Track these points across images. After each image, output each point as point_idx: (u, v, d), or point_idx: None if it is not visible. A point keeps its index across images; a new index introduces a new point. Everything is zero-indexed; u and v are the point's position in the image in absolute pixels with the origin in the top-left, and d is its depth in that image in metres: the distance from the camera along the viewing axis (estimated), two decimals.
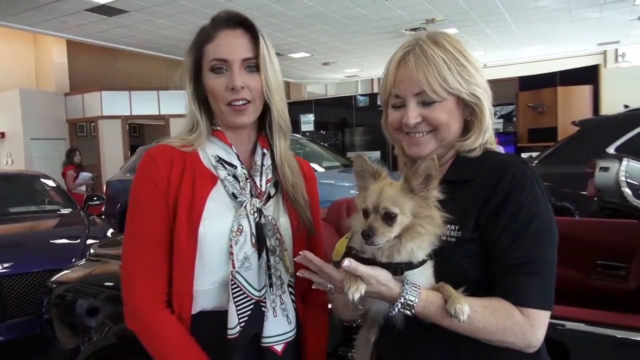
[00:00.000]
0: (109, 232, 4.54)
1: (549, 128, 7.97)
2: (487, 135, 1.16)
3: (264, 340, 1.22)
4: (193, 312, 1.20)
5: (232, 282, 1.18)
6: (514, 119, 10.05)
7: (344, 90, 18.80)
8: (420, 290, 1.01)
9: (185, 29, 10.56)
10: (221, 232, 1.20)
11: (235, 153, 1.27)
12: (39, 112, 12.08)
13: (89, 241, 4.02)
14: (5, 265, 3.69)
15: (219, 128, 1.27)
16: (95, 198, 5.65)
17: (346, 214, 2.71)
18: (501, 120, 10.59)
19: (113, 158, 12.09)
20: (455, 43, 1.13)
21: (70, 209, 5.12)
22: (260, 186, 1.27)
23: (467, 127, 1.16)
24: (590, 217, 3.26)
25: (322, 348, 1.36)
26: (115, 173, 8.80)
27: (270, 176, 1.30)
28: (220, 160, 1.25)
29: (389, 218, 1.00)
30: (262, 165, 1.29)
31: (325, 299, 1.41)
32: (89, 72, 13.28)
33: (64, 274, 2.65)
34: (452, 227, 1.06)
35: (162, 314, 1.17)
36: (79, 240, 4.07)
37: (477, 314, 0.98)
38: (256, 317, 1.20)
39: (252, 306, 1.20)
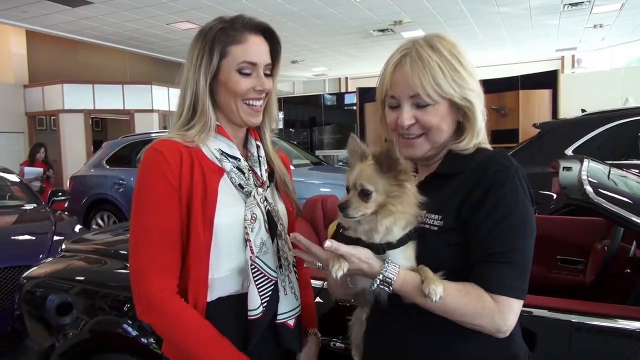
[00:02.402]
0: (77, 227, 4.43)
1: (511, 130, 8.22)
2: (480, 136, 1.21)
3: (280, 317, 1.31)
4: (209, 300, 1.24)
5: (253, 266, 1.25)
6: None
7: (312, 88, 18.87)
8: (400, 270, 1.08)
9: (152, 23, 10.38)
10: (235, 221, 1.25)
11: (236, 147, 1.32)
12: None
13: (56, 237, 3.92)
14: None
15: (218, 123, 1.31)
16: (60, 193, 5.50)
17: (321, 210, 2.77)
18: None
19: (75, 153, 11.70)
20: (451, 47, 1.17)
21: (35, 204, 4.97)
22: (261, 176, 1.34)
23: (461, 128, 1.21)
24: (549, 215, 3.42)
25: (314, 315, 1.50)
26: (77, 169, 8.57)
27: (266, 166, 1.38)
28: (223, 153, 1.30)
29: (364, 194, 1.09)
30: (259, 155, 1.37)
31: (307, 275, 1.54)
32: (49, 64, 12.82)
33: (36, 270, 2.60)
34: (435, 216, 1.13)
35: (180, 305, 1.20)
36: (46, 236, 3.97)
37: (450, 296, 1.05)
38: (274, 296, 1.29)
39: (272, 287, 1.28)
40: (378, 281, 1.07)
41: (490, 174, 1.10)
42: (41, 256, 3.56)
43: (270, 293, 1.28)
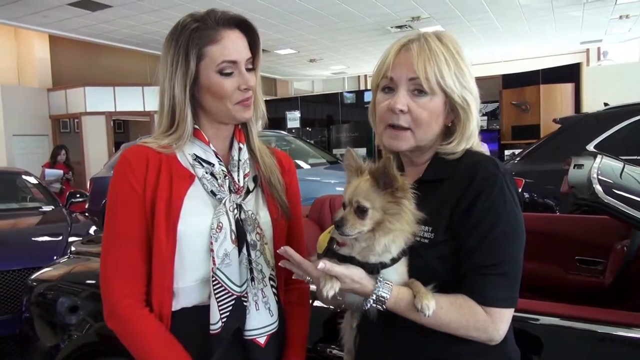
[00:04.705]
0: (92, 229, 4.49)
1: (531, 125, 8.04)
2: (471, 141, 1.17)
3: (247, 333, 1.24)
4: (174, 309, 1.22)
5: (213, 278, 1.20)
6: (499, 116, 10.12)
7: (331, 87, 18.80)
8: (392, 287, 1.06)
9: (169, 25, 10.41)
10: (201, 229, 1.21)
11: (213, 150, 1.27)
12: (21, 108, 11.83)
13: (71, 239, 3.97)
14: None
15: (196, 126, 1.26)
16: (77, 195, 5.59)
17: (329, 210, 2.72)
18: (486, 118, 10.67)
19: (97, 155, 11.90)
20: (457, 46, 1.15)
21: (52, 206, 5.05)
22: (238, 181, 1.28)
23: (449, 132, 1.17)
24: (570, 214, 3.31)
25: (303, 339, 1.38)
26: (99, 170, 8.71)
27: (247, 170, 1.31)
28: (197, 158, 1.25)
29: (361, 212, 1.06)
30: (239, 160, 1.30)
31: (305, 291, 1.44)
32: (72, 67, 13.06)
33: (44, 272, 2.62)
34: (426, 228, 1.10)
35: (142, 313, 1.18)
36: (60, 238, 4.02)
37: (443, 310, 1.04)
38: (238, 311, 1.22)
39: (233, 301, 1.21)
40: (371, 301, 1.06)
41: (477, 182, 1.07)
42: (55, 258, 3.60)
43: (230, 308, 1.21)
